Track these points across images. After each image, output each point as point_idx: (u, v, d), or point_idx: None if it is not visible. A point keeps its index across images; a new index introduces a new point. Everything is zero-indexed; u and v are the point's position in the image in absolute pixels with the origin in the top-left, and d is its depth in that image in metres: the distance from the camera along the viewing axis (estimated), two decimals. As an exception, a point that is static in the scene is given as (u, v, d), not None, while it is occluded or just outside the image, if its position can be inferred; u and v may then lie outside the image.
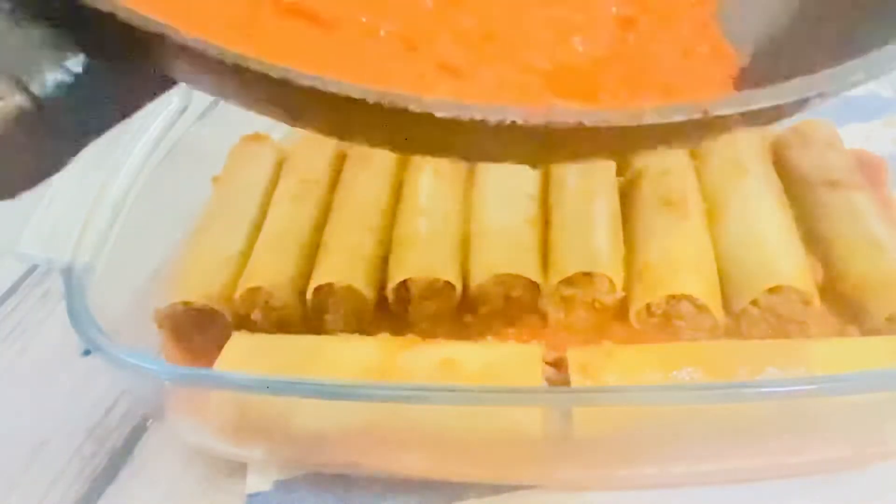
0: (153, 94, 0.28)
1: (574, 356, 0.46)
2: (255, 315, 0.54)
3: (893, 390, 0.40)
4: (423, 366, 0.47)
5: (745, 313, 0.52)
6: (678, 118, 0.26)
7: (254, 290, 0.54)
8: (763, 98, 0.27)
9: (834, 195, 0.57)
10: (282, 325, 0.55)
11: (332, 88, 0.24)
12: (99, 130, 0.27)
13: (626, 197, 0.60)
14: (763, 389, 0.40)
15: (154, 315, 0.54)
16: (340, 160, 0.67)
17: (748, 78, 0.35)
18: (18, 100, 0.24)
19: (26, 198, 0.27)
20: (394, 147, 0.33)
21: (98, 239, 0.51)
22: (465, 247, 0.58)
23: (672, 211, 0.56)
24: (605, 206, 0.58)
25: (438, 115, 0.25)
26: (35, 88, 0.24)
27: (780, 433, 0.44)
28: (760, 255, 0.53)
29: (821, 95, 0.28)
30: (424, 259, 0.55)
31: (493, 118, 0.25)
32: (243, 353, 0.49)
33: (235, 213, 0.61)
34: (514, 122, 0.25)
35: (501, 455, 0.46)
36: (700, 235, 0.55)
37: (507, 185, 0.61)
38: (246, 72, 0.24)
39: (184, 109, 0.62)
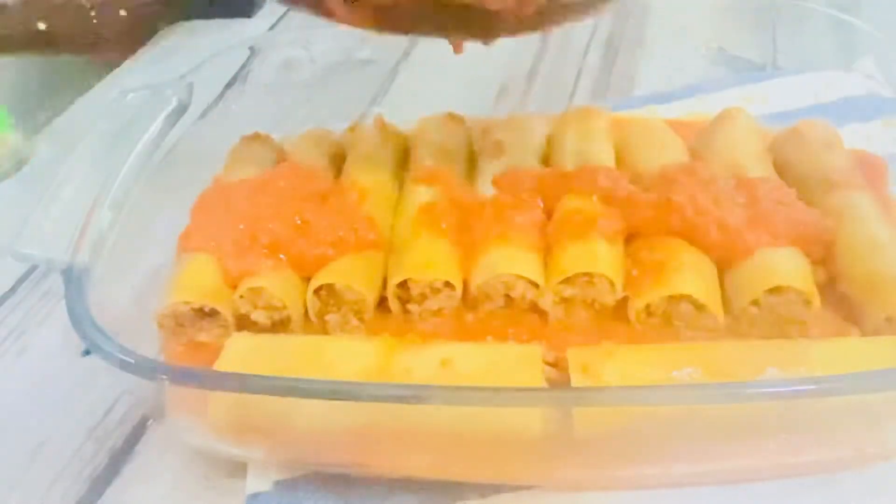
0: None
1: (574, 356, 0.46)
2: (256, 315, 0.54)
3: (893, 390, 0.40)
4: (423, 366, 0.47)
5: (745, 313, 0.52)
6: None
7: (254, 290, 0.54)
8: None
9: (834, 195, 0.57)
10: (282, 325, 0.55)
11: None
12: None
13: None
14: (763, 389, 0.40)
15: (154, 315, 0.54)
16: (340, 160, 0.67)
17: None
18: None
19: (26, 198, 0.27)
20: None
21: (98, 239, 0.51)
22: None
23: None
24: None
25: None
26: None
27: (780, 433, 0.44)
28: (761, 255, 0.53)
29: None
30: (424, 259, 0.55)
31: None
32: (243, 353, 0.49)
33: (235, 213, 0.61)
34: None
35: (501, 455, 0.46)
36: (700, 235, 0.55)
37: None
38: None
39: (184, 109, 0.62)
